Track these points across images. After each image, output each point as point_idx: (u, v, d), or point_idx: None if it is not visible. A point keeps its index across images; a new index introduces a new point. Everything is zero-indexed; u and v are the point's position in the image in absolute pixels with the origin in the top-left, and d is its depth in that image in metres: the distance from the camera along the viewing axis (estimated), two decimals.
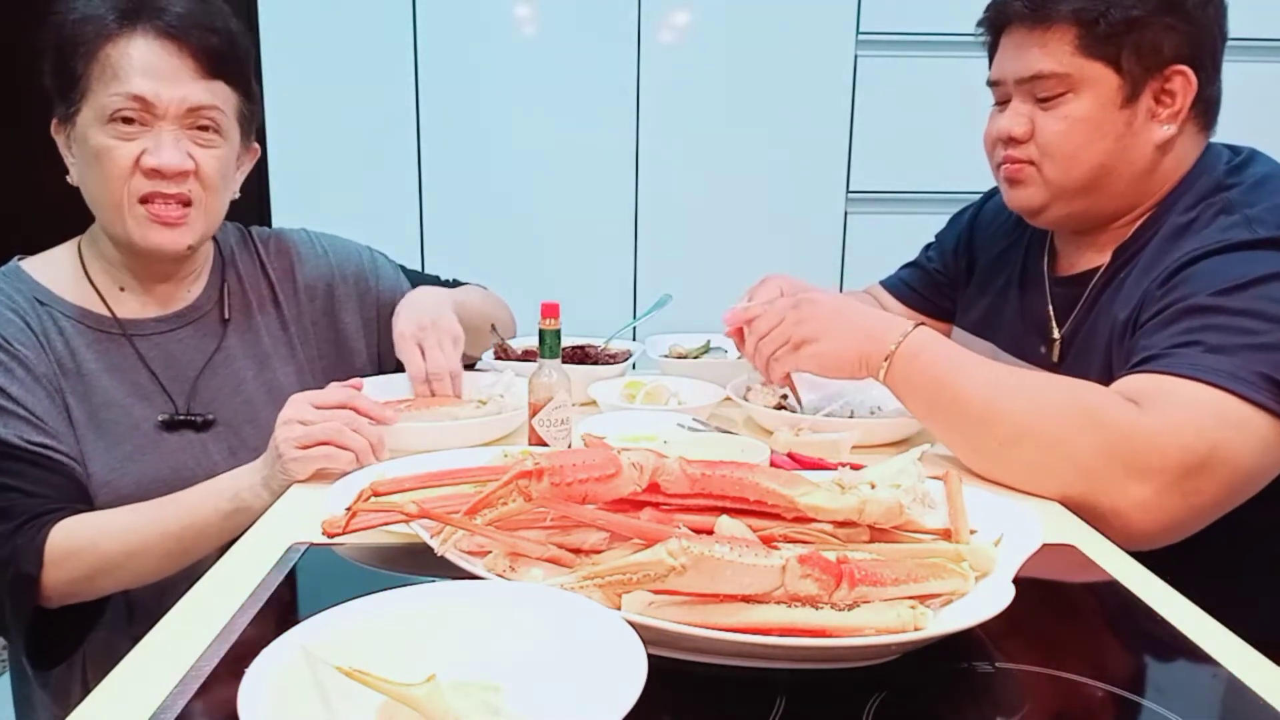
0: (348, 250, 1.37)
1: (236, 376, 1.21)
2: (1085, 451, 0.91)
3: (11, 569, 1.01)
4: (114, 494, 1.08)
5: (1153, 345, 0.97)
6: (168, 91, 1.07)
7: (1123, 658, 0.68)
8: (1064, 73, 1.07)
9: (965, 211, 1.46)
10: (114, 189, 1.08)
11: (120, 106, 1.05)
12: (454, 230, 2.24)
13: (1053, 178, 1.11)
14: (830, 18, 2.22)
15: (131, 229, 1.10)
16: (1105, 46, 1.06)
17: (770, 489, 0.68)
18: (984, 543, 0.71)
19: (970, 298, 1.39)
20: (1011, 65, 1.12)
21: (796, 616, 0.58)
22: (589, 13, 2.20)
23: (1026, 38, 1.10)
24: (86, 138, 1.07)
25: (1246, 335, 0.93)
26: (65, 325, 1.11)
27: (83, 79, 1.06)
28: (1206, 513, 0.92)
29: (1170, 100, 1.08)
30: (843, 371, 1.06)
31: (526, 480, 0.63)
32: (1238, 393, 0.90)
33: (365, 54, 2.19)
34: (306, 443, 0.97)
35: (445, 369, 1.19)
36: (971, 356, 1.01)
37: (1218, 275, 0.98)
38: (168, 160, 1.07)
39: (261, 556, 0.79)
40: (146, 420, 1.13)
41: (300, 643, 0.52)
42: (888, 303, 1.50)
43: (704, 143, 2.27)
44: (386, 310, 1.36)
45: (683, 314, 1.59)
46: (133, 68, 1.06)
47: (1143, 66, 1.06)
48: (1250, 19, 2.23)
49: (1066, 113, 1.08)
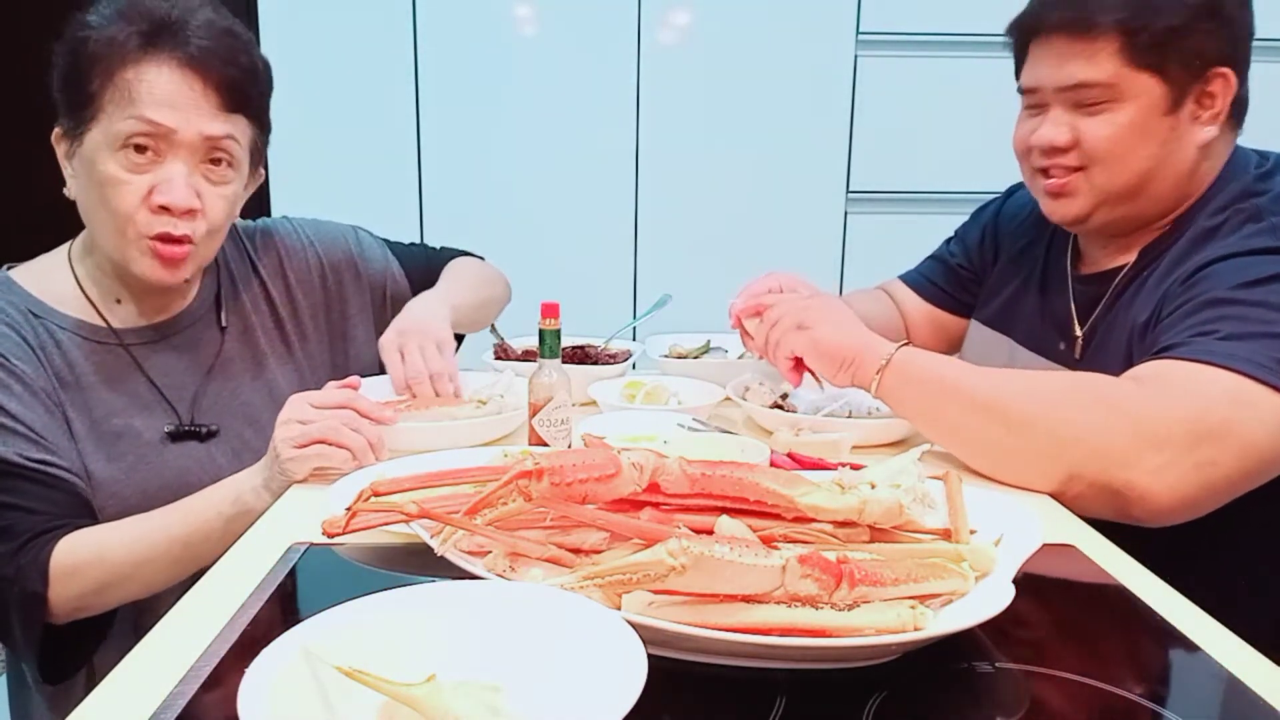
0: (333, 236, 1.35)
1: (234, 381, 1.20)
2: (1094, 429, 0.91)
3: (17, 588, 1.00)
4: (120, 504, 1.07)
5: (1169, 338, 0.98)
6: (185, 123, 1.05)
7: (1123, 658, 0.68)
8: (1110, 83, 1.06)
9: (989, 206, 1.45)
10: (119, 220, 1.06)
11: (135, 131, 1.03)
12: (454, 230, 2.24)
13: (1100, 183, 1.10)
14: (830, 18, 2.22)
15: (132, 259, 1.08)
16: (1150, 55, 1.04)
17: (770, 489, 0.68)
18: (984, 543, 0.71)
19: (989, 292, 1.39)
20: (1050, 73, 1.10)
21: (796, 616, 0.58)
22: (589, 13, 2.20)
23: (1068, 47, 1.08)
24: (95, 160, 1.04)
25: (1261, 325, 0.93)
26: (62, 337, 1.09)
27: (97, 98, 1.04)
28: (1220, 489, 0.92)
29: (1211, 102, 1.07)
30: (831, 364, 1.05)
31: (526, 480, 0.63)
32: (1251, 375, 0.90)
33: (365, 54, 2.19)
34: (303, 442, 0.97)
35: (424, 372, 1.17)
36: (966, 363, 1.02)
37: (1238, 274, 0.98)
38: (178, 199, 1.05)
39: (261, 556, 0.79)
40: (149, 431, 1.12)
41: (300, 643, 0.52)
42: (904, 297, 1.49)
43: (704, 142, 2.27)
44: (379, 291, 1.36)
45: (683, 314, 1.59)
46: (151, 95, 1.03)
47: (1187, 73, 1.05)
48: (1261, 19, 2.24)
49: (1112, 119, 1.07)
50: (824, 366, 1.07)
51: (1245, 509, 0.94)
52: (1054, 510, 0.93)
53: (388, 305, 1.35)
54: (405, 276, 1.38)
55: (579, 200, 2.28)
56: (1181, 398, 0.90)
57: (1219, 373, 0.91)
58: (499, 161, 2.25)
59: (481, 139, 2.24)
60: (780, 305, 1.12)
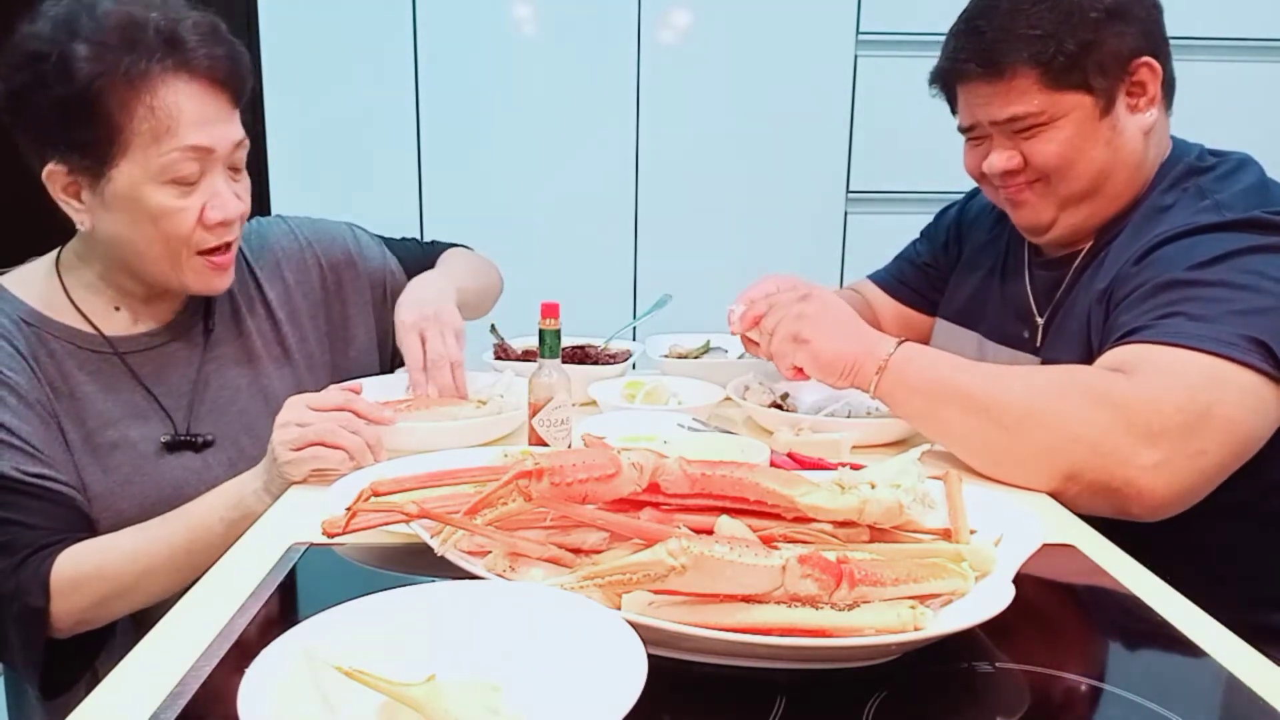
0: (331, 235, 1.34)
1: (231, 386, 1.18)
2: (1092, 426, 0.92)
3: (17, 604, 0.99)
4: (115, 515, 1.06)
5: (1133, 320, 0.99)
6: (219, 140, 1.05)
7: (1123, 658, 0.68)
8: (1039, 110, 1.09)
9: (951, 206, 1.48)
10: (174, 245, 1.06)
11: (180, 161, 1.02)
12: (454, 230, 2.22)
13: (1061, 190, 1.13)
14: (830, 18, 2.22)
15: (188, 279, 1.09)
16: (1069, 76, 1.08)
17: (770, 489, 0.68)
18: (984, 543, 0.71)
19: (953, 289, 1.41)
20: (982, 111, 1.14)
21: (796, 616, 0.58)
22: (589, 13, 2.20)
23: (990, 89, 1.12)
24: (139, 196, 1.02)
25: (1225, 303, 0.95)
26: (55, 347, 1.08)
27: (122, 134, 1.00)
28: (1212, 475, 0.94)
29: (1142, 90, 1.11)
30: (830, 375, 1.06)
31: (526, 480, 0.63)
32: (1224, 355, 0.92)
33: (365, 54, 2.19)
34: (299, 445, 0.97)
35: (445, 357, 1.17)
36: (963, 359, 1.03)
37: (1189, 254, 1.01)
38: (233, 210, 1.07)
39: (261, 556, 0.79)
40: (145, 441, 1.10)
41: (300, 643, 0.52)
42: (876, 298, 1.51)
43: (704, 143, 2.27)
44: (379, 289, 1.35)
45: (683, 314, 1.59)
46: (184, 119, 1.02)
47: (1109, 77, 1.08)
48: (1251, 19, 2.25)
49: (1052, 138, 1.10)
50: (824, 377, 1.07)
51: (1243, 496, 0.96)
52: (1054, 510, 0.93)
53: (387, 301, 1.34)
54: (404, 272, 1.38)
55: (579, 200, 2.28)
56: (1169, 387, 0.91)
57: (1194, 356, 0.92)
58: (499, 161, 2.25)
59: (481, 139, 2.24)
60: (773, 314, 1.12)
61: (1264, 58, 2.26)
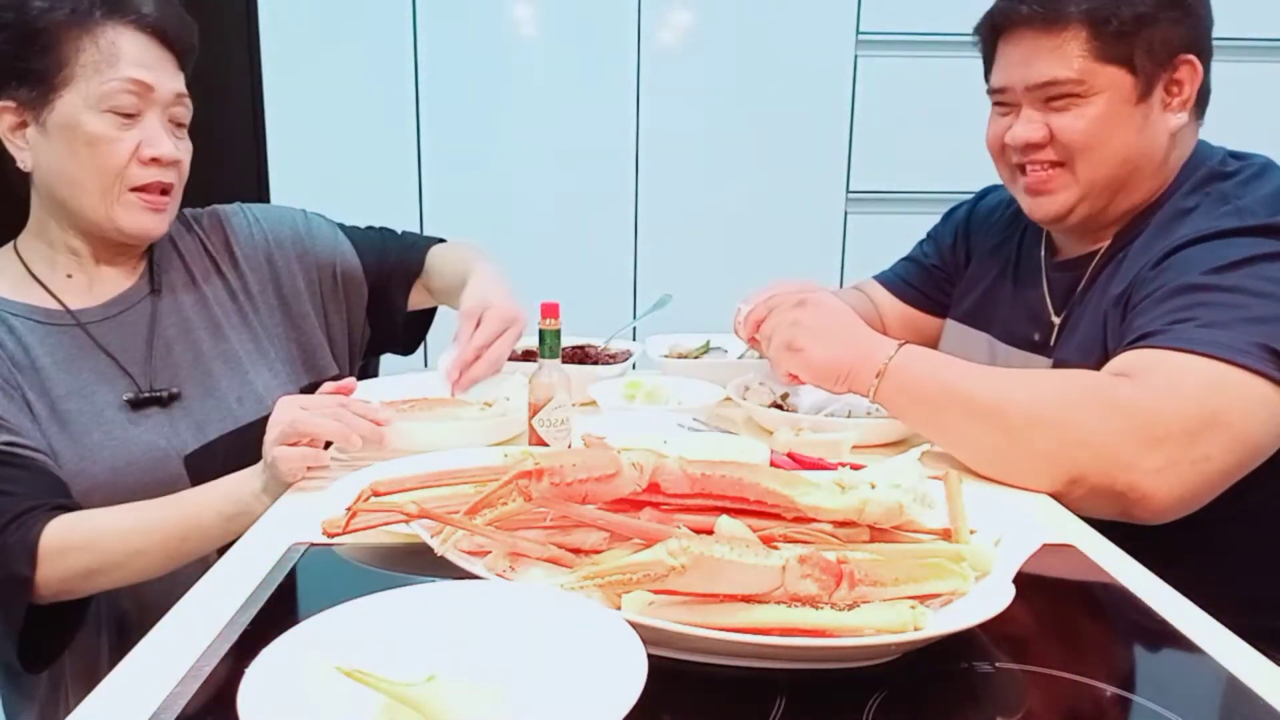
0: (280, 216, 1.38)
1: (194, 348, 1.21)
2: (1096, 430, 0.91)
3: (2, 571, 1.00)
4: (88, 481, 1.07)
5: (1146, 324, 0.98)
6: (160, 82, 1.12)
7: (1123, 658, 0.68)
8: (1078, 78, 1.07)
9: (960, 207, 1.47)
10: (108, 177, 1.10)
11: (121, 90, 1.08)
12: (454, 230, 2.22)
13: (1085, 176, 1.11)
14: (830, 18, 2.22)
15: (119, 215, 1.12)
16: (1117, 47, 1.06)
17: (770, 489, 0.68)
18: (984, 543, 0.71)
19: (963, 290, 1.40)
20: (1019, 72, 1.11)
21: (796, 616, 0.58)
22: (589, 13, 2.20)
23: (1036, 42, 1.09)
24: (78, 123, 1.08)
25: (1239, 310, 0.94)
26: (15, 324, 1.11)
27: (68, 65, 1.08)
28: (1217, 482, 0.93)
29: (1179, 89, 1.09)
30: (825, 382, 1.05)
31: (526, 480, 0.63)
32: (1234, 361, 0.91)
33: (365, 54, 2.19)
34: (285, 440, 0.97)
35: (489, 345, 1.18)
36: (963, 362, 1.02)
37: (1208, 258, 1.00)
38: (167, 150, 1.12)
39: (261, 556, 0.79)
40: (110, 405, 1.12)
41: (300, 643, 0.52)
42: (881, 298, 1.50)
43: (704, 143, 2.27)
44: (327, 271, 1.37)
45: (683, 314, 1.59)
46: (127, 56, 1.09)
47: (1154, 62, 1.07)
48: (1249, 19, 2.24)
49: (1083, 113, 1.08)
50: (819, 384, 1.07)
51: (1250, 497, 0.95)
52: (1054, 510, 0.93)
53: (338, 283, 1.37)
54: (357, 256, 1.40)
55: (579, 200, 2.28)
56: (1174, 392, 0.91)
57: (1203, 362, 0.92)
58: (499, 161, 2.25)
59: (481, 139, 2.24)
60: (770, 321, 1.12)
61: (1271, 58, 2.25)
